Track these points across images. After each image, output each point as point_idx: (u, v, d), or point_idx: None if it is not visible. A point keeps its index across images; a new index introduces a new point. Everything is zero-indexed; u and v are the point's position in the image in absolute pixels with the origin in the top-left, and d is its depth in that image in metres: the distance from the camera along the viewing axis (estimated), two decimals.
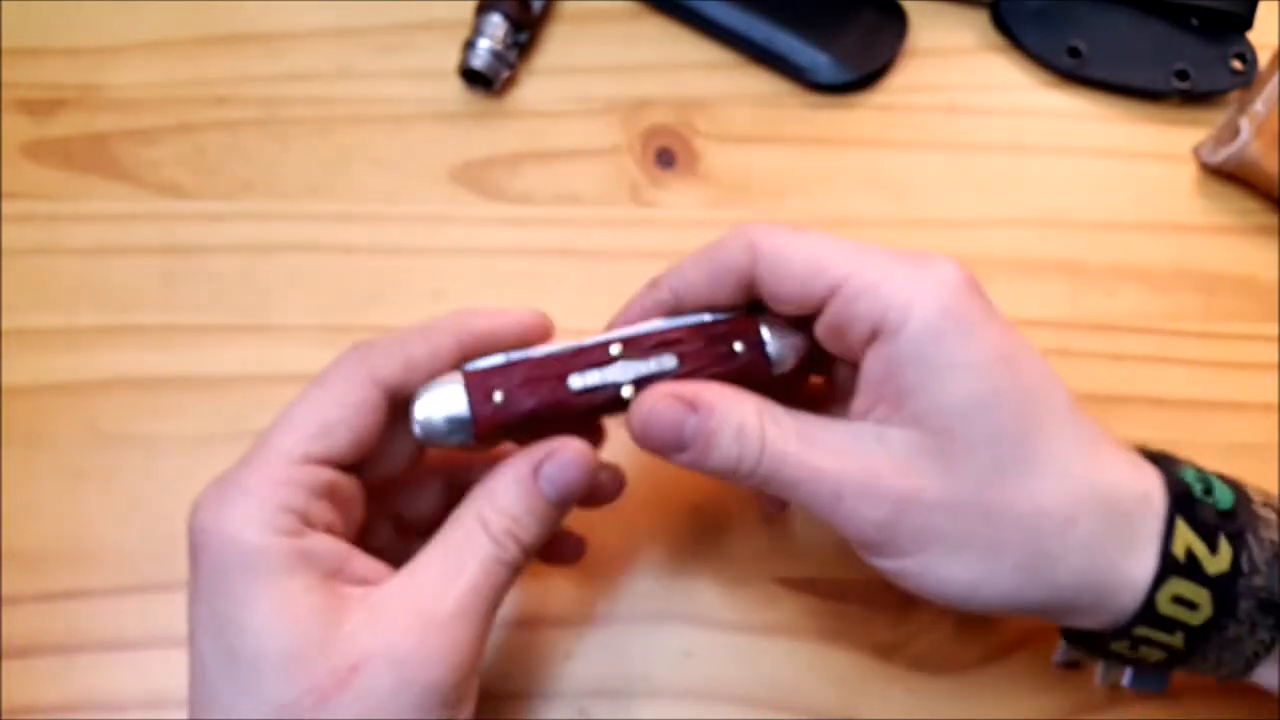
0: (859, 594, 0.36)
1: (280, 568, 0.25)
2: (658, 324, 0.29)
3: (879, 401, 0.27)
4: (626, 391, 0.28)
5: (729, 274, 0.29)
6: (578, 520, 0.33)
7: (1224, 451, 0.38)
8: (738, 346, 0.29)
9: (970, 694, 0.35)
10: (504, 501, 0.28)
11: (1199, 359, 0.40)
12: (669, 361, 0.29)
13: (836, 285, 0.27)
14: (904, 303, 0.26)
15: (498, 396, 0.28)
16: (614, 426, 0.30)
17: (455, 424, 0.28)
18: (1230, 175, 0.43)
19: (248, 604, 0.25)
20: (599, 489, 0.32)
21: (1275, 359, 0.40)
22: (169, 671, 0.34)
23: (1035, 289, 0.41)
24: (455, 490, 0.29)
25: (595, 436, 0.31)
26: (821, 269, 0.28)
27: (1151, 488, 0.28)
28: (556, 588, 0.36)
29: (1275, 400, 0.40)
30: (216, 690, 0.26)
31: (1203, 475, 0.29)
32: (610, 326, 0.31)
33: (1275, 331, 0.41)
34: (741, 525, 0.37)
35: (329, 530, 0.27)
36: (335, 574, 0.26)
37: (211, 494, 0.27)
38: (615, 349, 0.29)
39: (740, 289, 0.29)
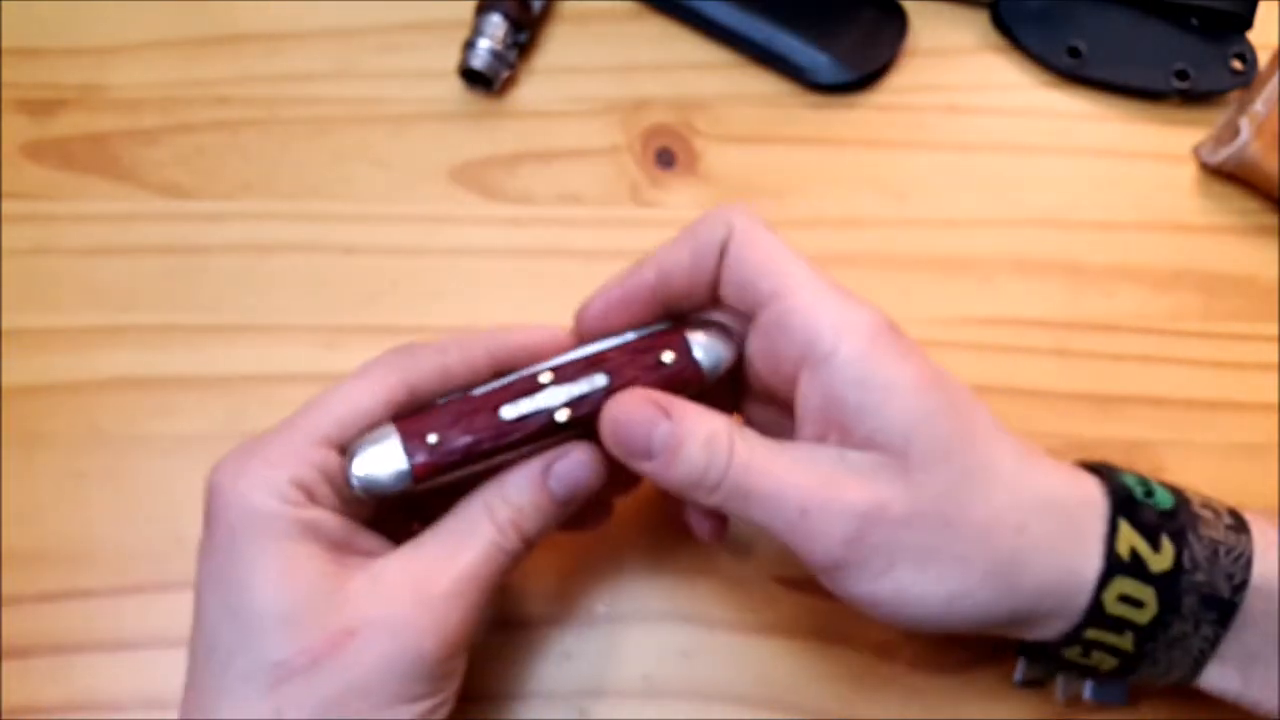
0: None
1: (286, 533, 0.26)
2: (585, 350, 0.29)
3: (828, 429, 0.28)
4: (560, 416, 0.28)
5: (709, 252, 0.29)
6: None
7: (1224, 451, 0.39)
8: (666, 356, 0.29)
9: (969, 694, 0.35)
10: (511, 493, 0.28)
11: (1199, 359, 0.40)
12: (599, 380, 0.29)
13: (775, 294, 0.28)
14: (834, 330, 0.27)
15: (432, 438, 0.28)
16: None
17: (392, 474, 0.27)
18: (1230, 175, 0.43)
19: (253, 563, 0.26)
20: (584, 515, 0.32)
21: (1275, 359, 0.40)
22: (169, 671, 0.34)
23: (1035, 289, 0.41)
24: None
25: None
26: (769, 272, 0.28)
27: (1092, 492, 0.28)
28: (556, 588, 0.36)
29: (1275, 400, 0.40)
30: (215, 644, 0.26)
31: (1143, 479, 0.29)
32: (587, 305, 0.30)
33: (1275, 331, 0.41)
34: (741, 525, 0.37)
35: (336, 512, 0.28)
36: (340, 546, 0.27)
37: (230, 457, 0.28)
38: (545, 377, 0.29)
39: (718, 268, 0.29)
